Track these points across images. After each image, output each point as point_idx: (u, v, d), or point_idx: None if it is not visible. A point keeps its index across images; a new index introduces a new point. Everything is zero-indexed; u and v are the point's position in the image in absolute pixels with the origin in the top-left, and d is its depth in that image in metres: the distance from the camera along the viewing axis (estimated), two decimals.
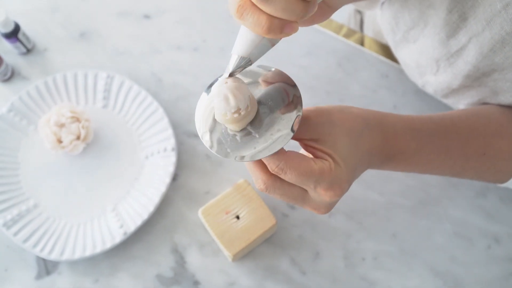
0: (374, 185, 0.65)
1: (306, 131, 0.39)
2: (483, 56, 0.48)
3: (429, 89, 0.62)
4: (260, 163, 0.38)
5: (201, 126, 0.38)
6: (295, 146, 0.41)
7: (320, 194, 0.38)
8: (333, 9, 0.37)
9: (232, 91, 0.34)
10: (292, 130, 0.36)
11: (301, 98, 0.37)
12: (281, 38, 0.33)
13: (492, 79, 0.50)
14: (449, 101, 0.62)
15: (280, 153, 0.36)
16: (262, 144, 0.36)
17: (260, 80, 0.38)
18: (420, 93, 0.69)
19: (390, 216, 0.64)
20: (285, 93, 0.37)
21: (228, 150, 0.36)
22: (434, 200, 0.65)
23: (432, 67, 0.57)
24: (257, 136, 0.36)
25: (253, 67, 0.39)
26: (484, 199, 0.65)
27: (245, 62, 0.34)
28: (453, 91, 0.57)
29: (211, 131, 0.37)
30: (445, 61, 0.54)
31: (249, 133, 0.37)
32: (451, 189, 0.65)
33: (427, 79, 0.60)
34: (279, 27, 0.30)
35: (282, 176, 0.37)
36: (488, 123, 0.49)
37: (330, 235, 0.63)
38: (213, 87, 0.36)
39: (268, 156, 0.36)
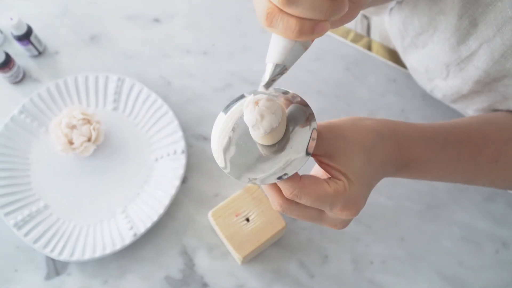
0: (383, 189, 0.65)
1: (319, 147, 0.38)
2: (493, 62, 0.48)
3: (438, 94, 0.62)
4: (276, 186, 0.38)
5: (216, 146, 0.38)
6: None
7: (336, 214, 0.38)
8: (359, 5, 0.37)
9: (265, 110, 0.34)
10: (307, 153, 0.36)
11: (316, 122, 0.37)
12: (313, 41, 0.34)
13: (503, 85, 0.50)
14: (457, 106, 0.62)
15: (294, 180, 0.36)
16: (276, 167, 0.36)
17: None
18: (428, 98, 0.70)
19: (398, 220, 0.64)
20: (301, 117, 0.37)
21: (242, 171, 0.36)
22: (442, 204, 0.65)
23: (442, 72, 0.57)
24: (273, 158, 0.36)
25: (271, 91, 0.38)
26: (492, 204, 0.65)
27: (281, 69, 0.34)
28: (463, 96, 0.57)
29: (226, 150, 0.37)
30: (455, 66, 0.54)
31: (265, 155, 0.37)
32: (459, 193, 0.66)
33: (436, 84, 0.61)
34: (310, 28, 0.31)
35: (297, 201, 0.37)
36: (500, 130, 0.49)
37: (338, 239, 0.63)
38: (244, 107, 0.35)
39: (282, 181, 0.36)
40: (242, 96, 0.39)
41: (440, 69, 0.57)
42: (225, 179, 0.66)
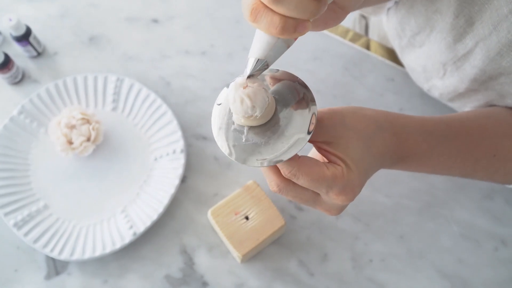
0: (381, 187, 0.66)
1: (319, 134, 0.39)
2: (490, 59, 0.49)
3: (435, 93, 0.63)
4: (274, 166, 0.38)
5: (217, 130, 0.38)
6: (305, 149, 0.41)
7: (332, 198, 0.39)
8: (346, 11, 0.37)
9: (250, 94, 0.35)
10: (308, 132, 0.36)
11: (314, 101, 0.37)
12: (295, 39, 0.34)
13: (499, 83, 0.51)
14: (455, 105, 0.63)
15: (293, 159, 0.37)
16: (277, 150, 0.36)
17: (268, 83, 0.39)
18: (426, 97, 0.70)
19: (397, 218, 0.65)
20: (298, 96, 0.38)
21: (243, 155, 0.37)
22: (441, 202, 0.65)
23: (439, 71, 0.57)
24: (272, 141, 0.36)
25: (265, 73, 0.39)
26: (490, 202, 0.65)
27: (262, 65, 0.35)
28: (460, 95, 0.58)
29: (227, 136, 0.37)
30: (452, 65, 0.54)
31: (265, 139, 0.37)
32: (457, 191, 0.66)
33: (433, 83, 0.61)
34: (293, 27, 0.31)
35: (294, 181, 0.38)
36: (498, 124, 0.50)
37: (338, 237, 0.63)
38: (229, 91, 0.36)
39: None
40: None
41: (437, 68, 0.57)
42: (224, 178, 0.66)
